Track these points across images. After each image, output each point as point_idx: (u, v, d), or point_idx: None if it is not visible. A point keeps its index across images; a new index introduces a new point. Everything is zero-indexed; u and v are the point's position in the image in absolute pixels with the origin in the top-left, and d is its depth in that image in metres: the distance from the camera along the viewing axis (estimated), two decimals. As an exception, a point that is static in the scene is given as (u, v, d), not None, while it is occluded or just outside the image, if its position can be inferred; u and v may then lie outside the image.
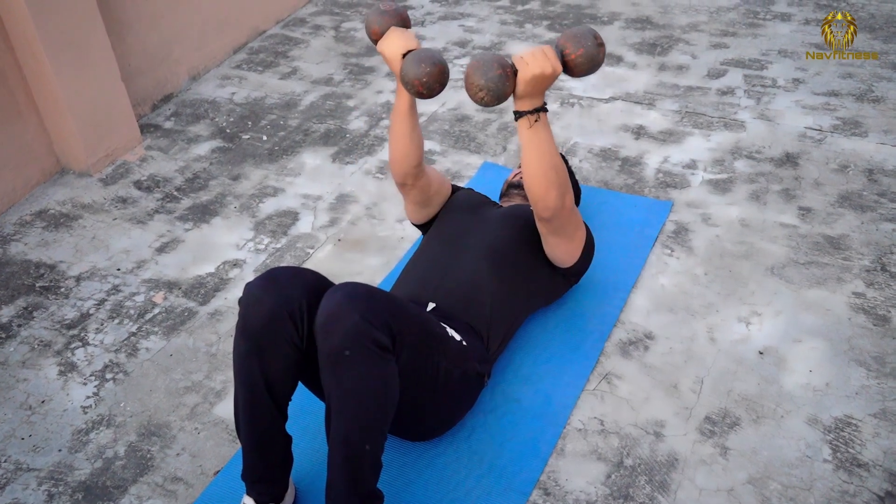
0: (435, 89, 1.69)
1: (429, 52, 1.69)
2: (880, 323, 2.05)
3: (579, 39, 1.61)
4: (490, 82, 1.58)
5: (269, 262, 2.45)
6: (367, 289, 1.47)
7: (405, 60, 1.69)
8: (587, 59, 1.62)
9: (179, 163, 3.01)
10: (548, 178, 1.73)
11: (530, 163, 1.72)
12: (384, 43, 1.78)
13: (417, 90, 1.68)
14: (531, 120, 1.67)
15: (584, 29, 1.64)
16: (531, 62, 1.60)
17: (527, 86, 1.62)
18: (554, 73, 1.61)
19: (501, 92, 1.60)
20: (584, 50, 1.61)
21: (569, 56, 1.62)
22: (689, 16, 3.88)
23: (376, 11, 1.83)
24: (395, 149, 1.93)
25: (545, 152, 1.71)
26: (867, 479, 1.67)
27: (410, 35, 1.78)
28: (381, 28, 1.81)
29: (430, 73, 1.66)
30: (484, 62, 1.59)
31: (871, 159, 2.69)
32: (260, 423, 1.55)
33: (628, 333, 2.08)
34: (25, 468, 1.85)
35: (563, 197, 1.77)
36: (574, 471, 1.74)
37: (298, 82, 3.54)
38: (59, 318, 2.29)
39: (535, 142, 1.70)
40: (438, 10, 4.17)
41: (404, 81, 1.69)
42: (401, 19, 1.83)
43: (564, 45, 1.63)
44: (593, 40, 1.62)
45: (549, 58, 1.59)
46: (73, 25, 2.75)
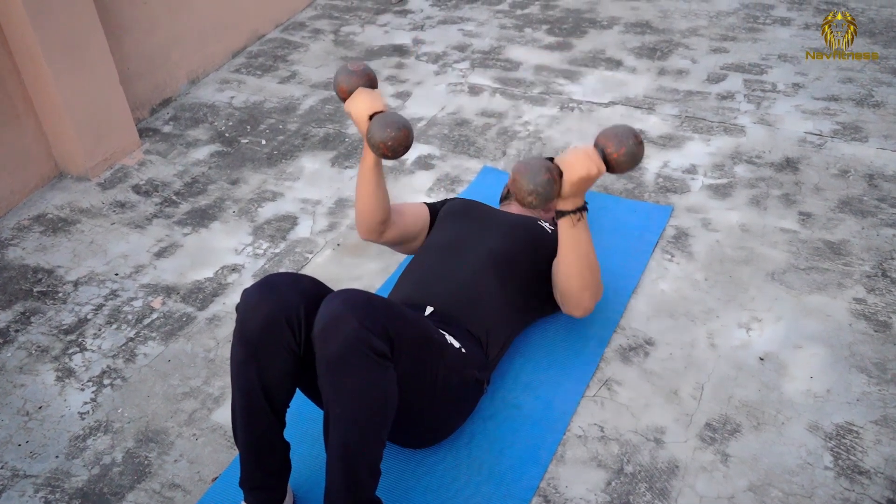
0: (399, 152, 1.75)
1: (394, 117, 1.74)
2: (881, 329, 2.04)
3: (620, 139, 1.67)
4: (539, 187, 1.62)
5: (268, 266, 2.44)
6: (366, 295, 1.46)
7: (371, 123, 1.75)
8: (629, 158, 1.68)
9: (178, 167, 3.00)
10: (583, 279, 1.80)
11: (569, 262, 1.78)
12: (351, 104, 1.83)
13: (383, 153, 1.75)
14: (574, 219, 1.73)
15: (624, 128, 1.69)
16: (577, 165, 1.64)
17: (572, 187, 1.66)
18: (598, 173, 1.66)
19: (550, 196, 1.65)
20: (626, 149, 1.67)
21: (610, 155, 1.68)
22: (688, 20, 3.87)
23: (344, 71, 1.87)
24: (359, 205, 1.98)
25: (584, 252, 1.77)
26: (868, 486, 1.66)
27: (377, 96, 1.82)
28: (348, 87, 1.86)
29: (395, 138, 1.72)
30: (532, 167, 1.63)
31: (872, 164, 2.69)
32: (257, 429, 1.54)
33: (628, 339, 2.07)
34: (22, 475, 1.84)
35: (595, 297, 1.86)
36: (574, 478, 1.73)
37: (297, 86, 3.54)
38: (57, 324, 2.28)
39: (576, 240, 1.75)
40: (438, 15, 4.17)
41: (370, 143, 1.75)
42: (368, 79, 1.87)
43: (606, 145, 1.68)
44: (633, 139, 1.68)
45: (592, 159, 1.65)
46: (72, 29, 2.74)
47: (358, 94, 1.83)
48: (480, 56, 3.67)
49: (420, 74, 3.55)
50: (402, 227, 2.06)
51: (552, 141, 2.97)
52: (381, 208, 1.96)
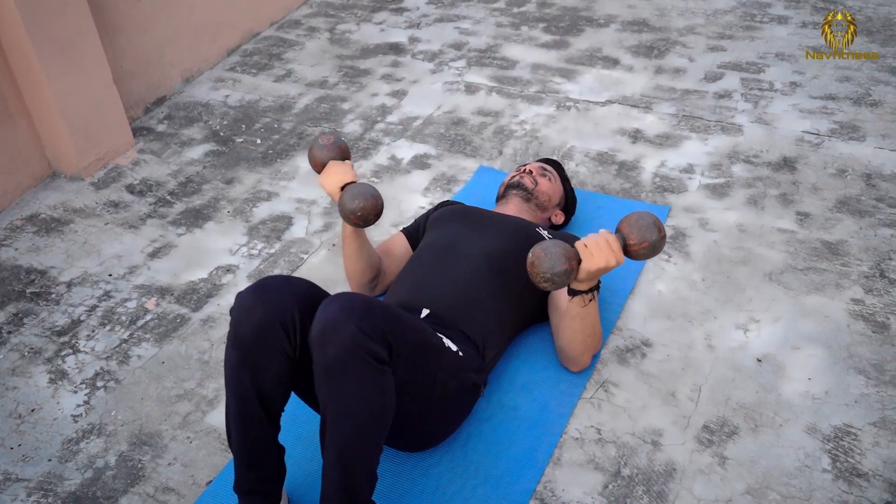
0: (370, 220, 1.82)
1: (362, 188, 1.82)
2: (879, 330, 2.03)
3: (643, 232, 1.67)
4: (556, 276, 1.64)
5: (263, 267, 2.43)
6: (364, 299, 1.45)
7: (342, 194, 1.83)
8: (649, 251, 1.69)
9: (172, 166, 2.98)
10: (586, 345, 1.87)
11: (574, 332, 1.84)
12: (323, 178, 1.90)
13: (354, 222, 1.83)
14: (586, 300, 1.75)
15: (649, 220, 1.68)
16: (596, 255, 1.65)
17: (589, 275, 1.68)
18: (616, 264, 1.66)
19: (565, 284, 1.67)
20: (648, 243, 1.67)
21: (632, 247, 1.68)
22: (685, 18, 3.86)
23: (317, 145, 1.96)
24: (348, 268, 2.06)
25: (589, 325, 1.83)
26: (867, 489, 1.66)
27: (348, 168, 1.90)
28: (321, 161, 1.94)
29: (364, 208, 1.80)
30: (552, 255, 1.64)
31: (869, 164, 2.68)
32: (252, 434, 1.52)
33: (625, 340, 2.06)
34: (14, 478, 1.82)
35: (592, 356, 1.95)
36: (571, 480, 1.72)
37: (293, 85, 3.52)
38: (50, 325, 2.26)
39: (584, 316, 1.80)
40: (434, 13, 4.15)
41: (342, 214, 1.83)
42: (339, 151, 1.95)
43: (629, 235, 1.68)
44: (657, 233, 1.68)
45: (613, 251, 1.65)
46: (65, 28, 2.72)
47: (329, 168, 1.91)
48: (477, 54, 3.66)
49: (416, 73, 3.53)
50: (395, 268, 2.15)
51: (549, 140, 2.96)
52: (369, 268, 2.05)
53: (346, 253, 2.03)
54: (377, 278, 2.10)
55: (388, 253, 2.15)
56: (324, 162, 1.94)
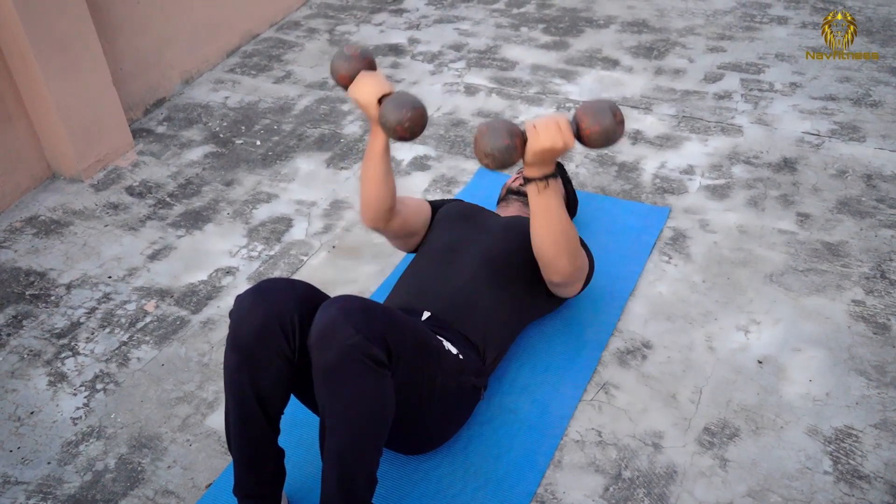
0: (417, 132, 1.70)
1: (406, 97, 1.69)
2: (880, 331, 2.03)
3: (597, 115, 1.60)
4: (496, 151, 1.59)
5: (263, 269, 2.42)
6: (363, 302, 1.45)
7: (384, 106, 1.69)
8: (603, 136, 1.61)
9: (172, 168, 2.98)
10: (558, 245, 1.74)
11: (539, 228, 1.73)
12: (356, 89, 1.75)
13: (400, 135, 1.69)
14: (540, 187, 1.67)
15: (605, 104, 1.61)
16: (543, 134, 1.58)
17: (535, 156, 1.61)
18: (564, 147, 1.59)
19: (507, 160, 1.60)
20: (601, 127, 1.60)
21: (583, 131, 1.61)
22: (685, 19, 3.86)
23: (341, 56, 1.79)
24: (367, 192, 1.90)
25: (554, 218, 1.71)
26: (868, 491, 1.65)
27: (382, 78, 1.75)
28: (348, 73, 1.79)
29: (412, 118, 1.66)
30: (494, 130, 1.59)
31: (870, 164, 2.67)
32: (251, 437, 1.52)
33: (626, 342, 2.06)
34: (14, 481, 1.82)
35: (573, 263, 1.78)
36: (571, 483, 1.71)
37: (292, 86, 3.51)
38: (49, 327, 2.25)
39: (544, 208, 1.70)
40: (433, 14, 4.15)
41: (386, 127, 1.69)
42: (367, 63, 1.80)
43: (581, 119, 1.61)
44: (612, 117, 1.60)
45: (562, 131, 1.58)
46: (64, 29, 2.71)
47: (362, 79, 1.75)
48: (476, 56, 3.65)
49: (416, 74, 3.53)
50: (405, 217, 2.01)
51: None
52: (389, 195, 1.90)
53: (370, 176, 1.86)
54: (393, 210, 1.94)
55: (404, 203, 2.02)
56: (352, 74, 1.77)
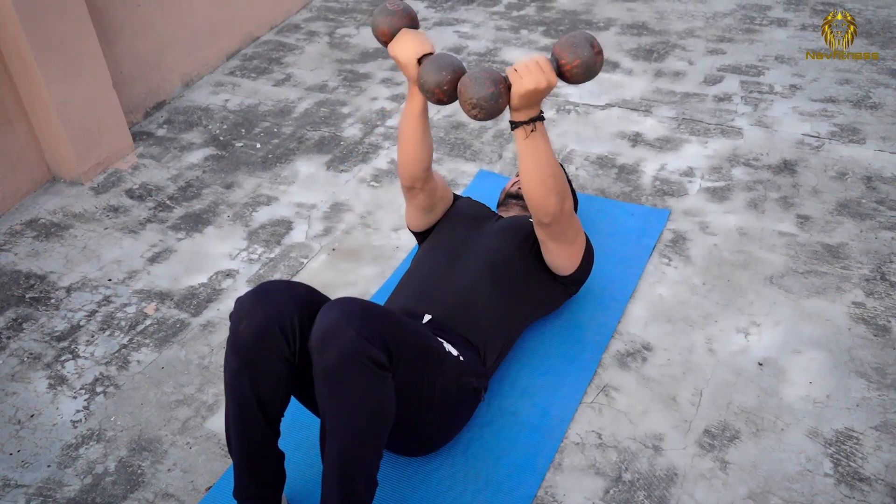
0: (454, 97, 1.65)
1: (447, 58, 1.64)
2: (880, 333, 2.03)
3: (575, 48, 1.57)
4: (482, 100, 1.56)
5: (263, 272, 2.42)
6: (364, 304, 1.45)
7: (423, 66, 1.65)
8: (584, 69, 1.59)
9: (172, 171, 2.98)
10: (546, 185, 1.71)
11: (528, 172, 1.70)
12: (397, 46, 1.71)
13: (438, 98, 1.64)
14: (527, 130, 1.65)
15: (581, 36, 1.59)
16: (525, 76, 1.56)
17: (521, 99, 1.59)
18: (549, 86, 1.58)
19: (495, 109, 1.58)
20: (581, 60, 1.57)
21: (564, 66, 1.59)
22: (685, 21, 3.86)
23: (384, 11, 1.74)
24: (405, 152, 1.87)
25: (543, 161, 1.69)
26: (869, 493, 1.65)
27: (424, 37, 1.71)
28: (390, 29, 1.73)
29: (452, 81, 1.62)
30: (476, 78, 1.56)
31: (870, 166, 2.67)
32: (251, 440, 1.52)
33: (626, 345, 2.05)
34: (14, 484, 1.81)
35: (562, 202, 1.75)
36: (572, 486, 1.71)
37: (292, 89, 3.51)
38: (49, 330, 2.25)
39: (532, 151, 1.68)
40: (433, 16, 4.15)
41: (424, 89, 1.65)
42: (410, 20, 1.74)
43: (560, 55, 1.59)
44: (590, 49, 1.57)
45: (543, 70, 1.56)
46: (64, 32, 2.72)
47: (403, 36, 1.71)
48: (476, 58, 3.66)
49: (416, 77, 3.53)
50: (437, 186, 1.99)
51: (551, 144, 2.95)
52: (426, 155, 1.86)
53: (408, 135, 1.83)
54: (430, 170, 1.92)
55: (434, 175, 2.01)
56: (393, 31, 1.72)
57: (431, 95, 1.65)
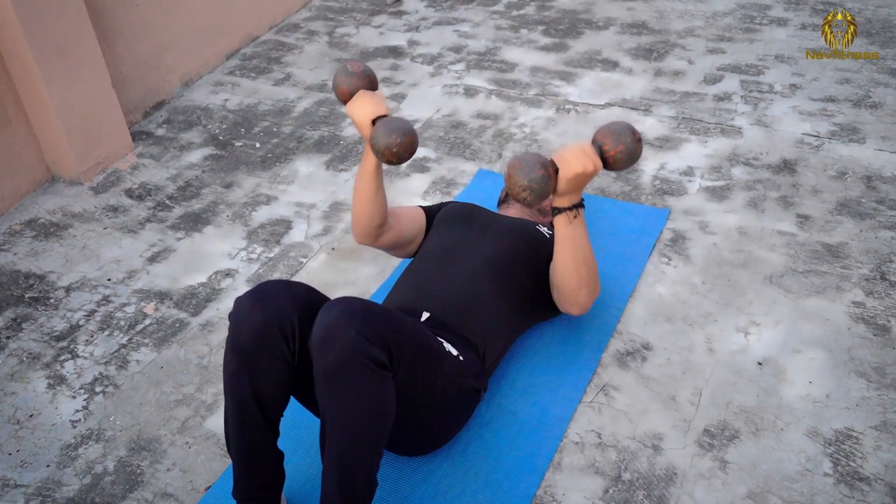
0: (405, 158, 1.72)
1: (399, 122, 1.71)
2: (880, 333, 2.03)
3: (618, 136, 1.66)
4: (534, 183, 1.61)
5: (262, 271, 2.42)
6: (364, 304, 1.44)
7: (376, 128, 1.71)
8: (626, 155, 1.67)
9: (171, 170, 2.98)
10: (580, 276, 1.78)
11: (565, 259, 1.77)
12: (353, 107, 1.77)
13: (388, 159, 1.71)
14: (570, 216, 1.71)
15: (622, 125, 1.68)
16: (572, 161, 1.63)
17: (568, 184, 1.65)
18: (595, 170, 1.64)
19: (545, 192, 1.63)
20: (624, 147, 1.66)
21: (608, 153, 1.67)
22: (684, 21, 3.86)
23: (344, 72, 1.81)
24: (356, 209, 1.92)
25: (580, 248, 1.76)
26: (868, 493, 1.65)
27: (380, 99, 1.77)
28: (349, 89, 1.80)
29: (401, 144, 1.68)
30: (527, 162, 1.62)
31: (870, 166, 2.67)
32: (250, 440, 1.52)
33: (626, 344, 2.05)
34: (13, 484, 1.81)
35: (592, 295, 1.83)
36: (571, 485, 1.71)
37: (292, 88, 3.51)
38: (49, 330, 2.25)
39: (572, 238, 1.74)
40: (433, 16, 4.15)
41: (375, 149, 1.71)
42: (369, 81, 1.82)
43: (603, 142, 1.67)
44: (631, 136, 1.66)
45: (589, 155, 1.63)
46: (63, 32, 2.72)
47: (359, 97, 1.77)
48: (476, 57, 3.66)
49: (415, 76, 3.53)
50: (397, 231, 2.02)
51: (548, 143, 2.96)
52: (379, 213, 1.91)
53: (360, 192, 1.88)
54: (384, 227, 1.96)
55: (397, 215, 2.04)
56: (352, 91, 1.80)
57: (382, 156, 1.71)
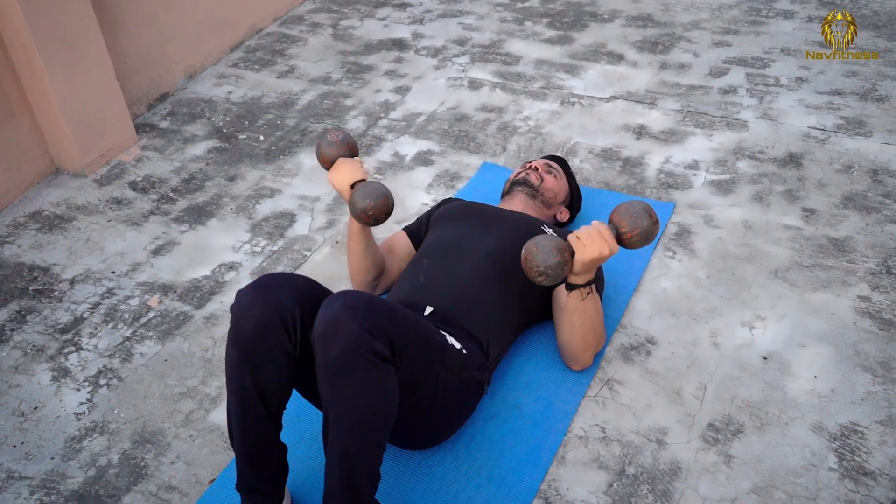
0: (381, 219, 1.81)
1: (374, 186, 1.82)
2: (886, 327, 2.02)
3: (635, 219, 1.68)
4: (549, 269, 1.64)
5: (266, 264, 2.42)
6: (367, 297, 1.44)
7: (353, 193, 1.83)
8: (643, 238, 1.70)
9: (175, 163, 2.98)
10: (586, 342, 1.86)
11: (573, 329, 1.83)
12: (333, 175, 1.89)
13: (365, 221, 1.82)
14: (583, 293, 1.75)
15: (640, 207, 1.69)
16: (589, 245, 1.65)
17: (584, 266, 1.68)
18: (610, 254, 1.67)
19: (559, 276, 1.66)
20: (641, 230, 1.69)
21: (624, 235, 1.70)
22: (690, 13, 3.84)
23: (325, 141, 1.94)
24: (351, 266, 2.05)
25: (591, 319, 1.82)
26: (874, 488, 1.64)
27: (357, 166, 1.89)
28: (329, 157, 1.93)
29: (375, 207, 1.79)
30: (544, 248, 1.65)
31: (876, 159, 2.66)
32: (253, 433, 1.52)
33: (630, 338, 2.05)
34: (17, 476, 1.82)
35: (594, 353, 1.93)
36: (575, 479, 1.71)
37: (296, 81, 3.50)
38: (53, 323, 2.25)
39: (583, 312, 1.79)
40: (437, 8, 4.13)
41: (352, 212, 1.83)
42: (348, 148, 1.94)
43: (620, 224, 1.69)
44: (649, 219, 1.69)
45: (606, 240, 1.66)
46: (67, 24, 2.71)
47: (339, 165, 1.89)
48: (480, 50, 3.64)
49: (419, 69, 3.52)
50: (398, 267, 2.14)
51: (553, 136, 2.95)
52: (373, 266, 2.04)
53: (351, 251, 2.01)
54: (380, 277, 2.09)
55: (391, 251, 2.14)
56: (332, 159, 1.92)
57: (359, 219, 1.83)
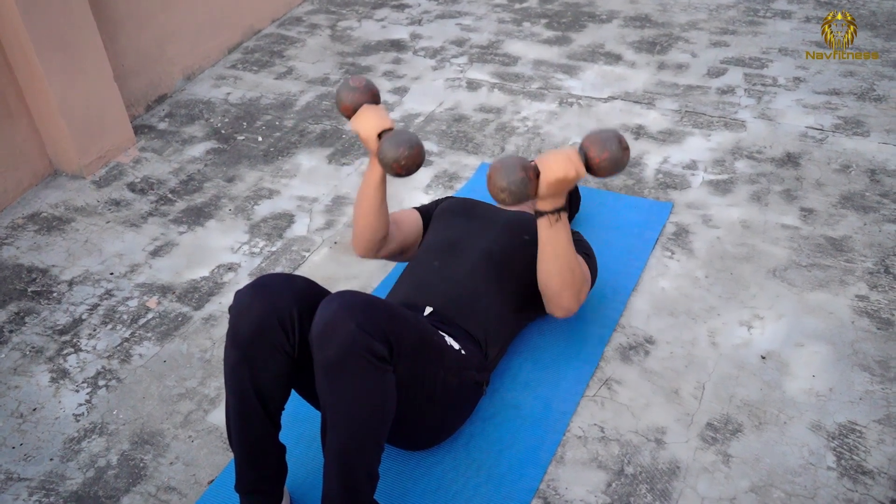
0: (413, 170, 1.73)
1: (406, 135, 1.72)
2: (884, 326, 2.02)
3: (604, 143, 1.65)
4: (512, 185, 1.62)
5: (264, 265, 2.42)
6: (365, 297, 1.44)
7: (383, 142, 1.72)
8: (611, 163, 1.66)
9: (174, 164, 2.98)
10: (562, 278, 1.78)
11: (547, 261, 1.77)
12: (358, 122, 1.77)
13: (396, 171, 1.72)
14: (552, 220, 1.71)
15: (610, 133, 1.67)
16: (554, 166, 1.63)
17: (549, 188, 1.65)
18: (577, 176, 1.64)
19: (523, 194, 1.64)
20: (609, 154, 1.65)
21: (592, 159, 1.67)
22: (688, 14, 3.84)
23: (346, 87, 1.82)
24: (360, 222, 1.91)
25: (562, 252, 1.75)
26: (872, 486, 1.64)
27: (384, 113, 1.78)
28: (352, 104, 1.81)
29: (409, 156, 1.70)
30: (507, 165, 1.63)
31: (874, 159, 2.66)
32: (252, 433, 1.52)
33: (628, 338, 2.05)
34: (16, 477, 1.82)
35: (576, 297, 1.82)
36: (574, 479, 1.71)
37: (294, 82, 3.51)
38: (52, 324, 2.25)
39: (554, 241, 1.73)
40: (436, 9, 4.14)
41: (383, 163, 1.72)
42: (372, 95, 1.82)
43: (588, 148, 1.67)
44: (618, 144, 1.66)
45: (572, 161, 1.63)
46: (65, 25, 2.71)
47: (364, 112, 1.78)
48: (478, 51, 3.64)
49: (417, 70, 3.52)
50: (400, 239, 2.02)
51: (551, 136, 2.95)
52: (381, 225, 1.91)
53: (364, 206, 1.87)
54: (385, 239, 1.96)
55: (397, 222, 2.03)
56: (355, 106, 1.80)
57: (390, 169, 1.72)
